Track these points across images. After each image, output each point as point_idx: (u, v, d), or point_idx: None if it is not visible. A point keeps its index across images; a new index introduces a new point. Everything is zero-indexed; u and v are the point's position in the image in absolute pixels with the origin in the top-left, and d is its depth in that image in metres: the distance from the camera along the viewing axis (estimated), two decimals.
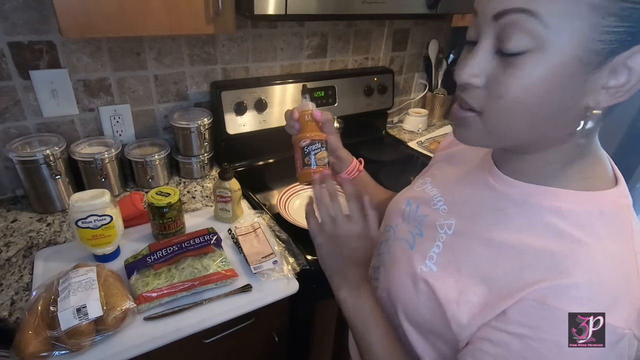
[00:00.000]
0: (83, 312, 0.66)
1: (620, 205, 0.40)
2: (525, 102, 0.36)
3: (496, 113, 0.38)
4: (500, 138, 0.41)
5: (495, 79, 0.36)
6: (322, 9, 0.92)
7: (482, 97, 0.38)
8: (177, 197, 0.90)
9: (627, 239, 0.39)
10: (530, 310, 0.37)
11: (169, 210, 0.89)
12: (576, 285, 0.36)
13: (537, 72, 0.34)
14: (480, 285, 0.42)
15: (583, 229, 0.39)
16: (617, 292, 0.36)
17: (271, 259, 0.88)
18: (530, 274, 0.39)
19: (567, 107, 0.36)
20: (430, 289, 0.46)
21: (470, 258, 0.45)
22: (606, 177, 0.42)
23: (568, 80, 0.34)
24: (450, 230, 0.49)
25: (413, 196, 0.59)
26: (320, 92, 1.36)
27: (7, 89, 0.97)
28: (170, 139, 1.23)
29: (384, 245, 0.60)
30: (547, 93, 0.35)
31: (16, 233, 0.95)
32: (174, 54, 1.14)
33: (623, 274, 0.36)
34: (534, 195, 0.42)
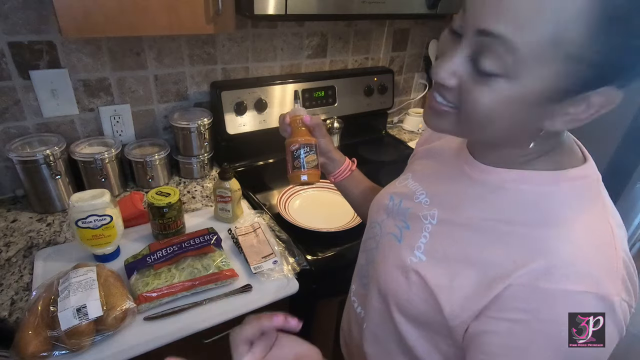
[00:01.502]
0: (83, 312, 0.66)
1: (591, 179, 0.43)
2: (488, 115, 0.38)
3: (465, 114, 0.40)
4: (471, 132, 0.44)
5: (466, 87, 0.38)
6: (322, 9, 0.92)
7: (456, 96, 0.40)
8: (177, 197, 0.90)
9: (601, 210, 0.41)
10: (523, 294, 0.38)
11: (169, 210, 0.89)
12: (562, 262, 0.37)
13: (501, 95, 0.36)
14: (469, 269, 0.43)
15: (560, 205, 0.41)
16: (601, 263, 0.37)
17: (271, 259, 0.88)
18: (517, 254, 0.40)
19: (525, 126, 0.39)
20: (421, 279, 0.47)
21: (457, 244, 0.46)
22: (574, 157, 0.44)
23: (529, 107, 0.36)
24: (435, 220, 0.50)
25: (395, 191, 0.59)
26: (320, 92, 1.36)
27: (7, 89, 0.97)
28: (170, 139, 1.23)
29: (372, 241, 0.61)
30: (508, 113, 0.37)
31: (16, 233, 0.95)
32: (174, 54, 1.14)
33: (603, 245, 0.38)
34: (509, 180, 0.44)
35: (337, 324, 1.08)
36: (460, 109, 0.40)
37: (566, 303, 0.36)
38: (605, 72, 0.33)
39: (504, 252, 0.41)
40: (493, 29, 0.33)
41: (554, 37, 0.31)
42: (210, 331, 0.78)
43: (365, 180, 0.79)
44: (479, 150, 0.48)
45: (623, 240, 0.40)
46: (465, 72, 0.38)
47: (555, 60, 0.33)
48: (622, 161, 1.30)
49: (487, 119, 0.38)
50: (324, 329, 1.07)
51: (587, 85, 0.34)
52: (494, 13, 0.33)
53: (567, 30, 0.31)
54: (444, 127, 0.44)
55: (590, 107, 0.35)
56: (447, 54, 0.39)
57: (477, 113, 0.38)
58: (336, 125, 1.38)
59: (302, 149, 0.67)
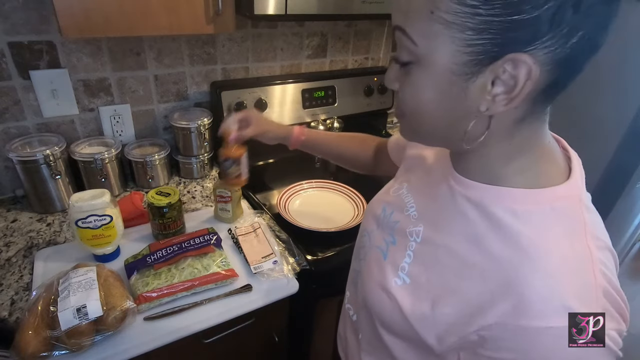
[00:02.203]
0: (83, 312, 0.66)
1: (572, 199, 0.40)
2: (419, 108, 0.39)
3: (408, 115, 0.41)
4: (425, 138, 0.45)
5: (401, 86, 0.40)
6: (322, 9, 0.92)
7: (399, 99, 0.41)
8: (177, 197, 0.90)
9: (580, 235, 0.39)
10: (508, 334, 0.37)
11: (169, 210, 0.89)
12: (539, 297, 0.36)
13: (420, 82, 0.38)
14: (451, 297, 0.42)
15: (537, 230, 0.39)
16: (579, 296, 0.36)
17: (271, 259, 0.88)
18: (495, 284, 0.39)
19: (460, 112, 0.38)
20: (400, 304, 0.46)
21: (438, 268, 0.45)
22: (557, 171, 0.42)
23: (448, 89, 0.36)
24: (419, 238, 0.49)
25: (389, 201, 0.58)
26: (320, 92, 1.36)
27: (7, 89, 0.97)
28: (170, 139, 1.23)
29: (362, 251, 0.60)
30: (435, 98, 0.38)
31: (16, 233, 0.95)
32: (174, 54, 1.14)
33: (580, 274, 0.37)
34: (488, 196, 0.42)
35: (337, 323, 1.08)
36: (405, 113, 0.41)
37: (551, 340, 0.35)
38: (497, 38, 0.32)
39: (483, 280, 0.40)
40: (395, 22, 0.38)
41: (429, 10, 0.34)
42: (210, 331, 0.78)
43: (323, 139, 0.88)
44: (456, 159, 0.47)
45: (606, 265, 0.38)
46: (399, 73, 0.40)
47: (441, 34, 0.34)
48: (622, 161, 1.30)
49: (418, 113, 0.40)
50: (324, 329, 1.07)
51: (488, 54, 0.33)
52: (394, 9, 0.38)
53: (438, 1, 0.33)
54: (405, 134, 0.46)
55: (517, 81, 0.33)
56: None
57: (408, 108, 0.40)
58: (336, 125, 1.38)
59: (227, 162, 0.85)
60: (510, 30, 0.32)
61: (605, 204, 1.39)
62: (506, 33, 0.32)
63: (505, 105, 0.35)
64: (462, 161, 0.46)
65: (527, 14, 0.30)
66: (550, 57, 0.32)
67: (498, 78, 0.34)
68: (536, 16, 0.30)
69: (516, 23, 0.31)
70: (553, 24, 0.30)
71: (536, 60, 0.32)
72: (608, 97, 1.25)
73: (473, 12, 0.32)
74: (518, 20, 0.31)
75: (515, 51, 0.32)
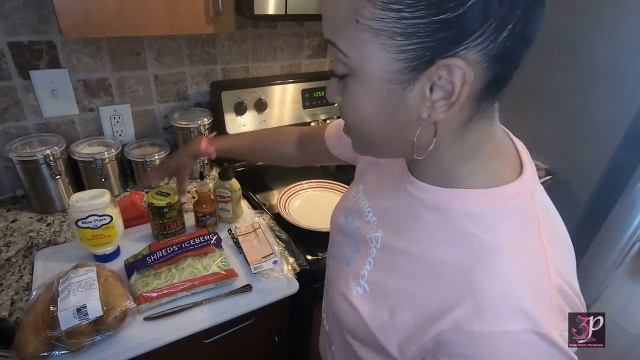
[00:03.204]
0: (83, 312, 0.66)
1: (524, 196, 0.39)
2: (361, 119, 0.38)
3: (352, 129, 0.41)
4: (373, 150, 0.44)
5: (341, 100, 0.39)
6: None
7: (342, 113, 0.40)
8: (177, 198, 0.90)
9: (534, 232, 0.38)
10: (463, 340, 0.36)
11: (169, 210, 0.89)
12: (492, 301, 0.35)
13: (358, 93, 0.36)
14: (407, 303, 0.42)
15: (490, 230, 0.38)
16: (532, 297, 0.35)
17: (271, 259, 0.88)
18: (448, 290, 0.38)
19: (402, 121, 0.37)
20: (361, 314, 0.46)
21: (395, 275, 0.44)
22: (510, 168, 0.41)
23: (387, 99, 0.35)
24: (378, 244, 0.48)
25: (349, 207, 0.57)
26: (320, 92, 1.36)
27: (7, 89, 0.97)
28: (171, 139, 1.23)
29: (332, 261, 0.59)
30: (374, 110, 0.37)
31: (16, 233, 0.95)
32: (174, 54, 1.14)
33: (534, 274, 0.36)
34: (443, 199, 0.42)
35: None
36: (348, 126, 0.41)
37: (507, 344, 0.34)
38: (427, 41, 0.31)
39: (437, 288, 0.39)
40: (325, 36, 0.37)
41: (354, 19, 0.33)
42: (210, 331, 0.78)
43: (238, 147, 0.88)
44: (413, 165, 0.46)
45: (560, 262, 0.37)
46: (338, 86, 0.39)
47: (368, 41, 0.33)
48: (622, 161, 1.30)
49: (360, 126, 0.39)
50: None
51: (421, 58, 0.32)
52: (323, 22, 0.37)
53: (359, 8, 0.32)
54: (356, 150, 0.45)
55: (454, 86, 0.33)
56: None
57: (350, 122, 0.39)
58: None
59: (205, 216, 0.95)
60: (439, 31, 0.31)
61: (605, 204, 1.39)
62: (435, 34, 0.31)
63: (446, 112, 0.34)
64: (417, 165, 0.45)
65: (452, 12, 0.29)
66: (484, 54, 0.32)
67: (435, 84, 0.33)
68: (462, 13, 0.29)
69: (443, 23, 0.30)
70: (481, 19, 0.30)
71: (469, 62, 0.31)
72: (608, 97, 1.25)
73: (398, 17, 0.31)
74: (445, 20, 0.30)
75: (447, 53, 0.31)
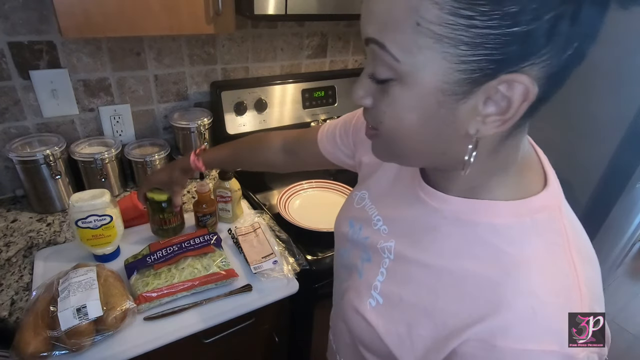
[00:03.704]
0: (83, 312, 0.66)
1: (551, 209, 0.38)
2: (401, 128, 0.35)
3: (385, 136, 0.38)
4: (400, 158, 0.40)
5: (376, 103, 0.36)
6: (322, 9, 0.92)
7: (374, 117, 0.38)
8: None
9: (564, 247, 0.36)
10: (482, 353, 0.35)
11: (169, 205, 0.89)
12: (520, 319, 0.34)
13: (403, 101, 0.34)
14: (426, 318, 0.40)
15: (517, 245, 0.37)
16: (563, 315, 0.34)
17: (271, 259, 0.88)
18: (473, 306, 0.37)
19: (447, 134, 0.35)
20: (375, 327, 0.45)
21: (412, 287, 0.43)
22: (534, 180, 0.40)
23: (435, 110, 0.33)
24: (392, 255, 0.47)
25: (354, 216, 0.55)
26: (321, 92, 1.36)
27: (7, 89, 0.97)
28: (171, 139, 1.23)
29: (343, 272, 0.57)
30: (419, 120, 0.34)
31: (16, 233, 0.95)
32: (174, 54, 1.14)
33: (564, 292, 0.35)
34: (465, 211, 0.40)
35: None
36: (380, 131, 0.38)
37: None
38: (494, 53, 0.29)
39: (459, 302, 0.38)
40: (368, 34, 0.33)
41: (414, 21, 0.30)
42: (210, 331, 0.78)
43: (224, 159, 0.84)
44: (429, 172, 0.44)
45: (591, 280, 0.36)
46: (374, 89, 0.36)
47: (428, 48, 0.30)
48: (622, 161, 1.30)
49: (397, 135, 0.36)
50: (324, 329, 1.07)
51: (483, 71, 0.30)
52: (365, 19, 0.33)
53: (422, 10, 0.29)
54: (377, 153, 0.42)
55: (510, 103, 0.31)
56: (360, 75, 0.37)
57: (386, 129, 0.36)
58: None
59: (205, 216, 0.95)
60: (509, 44, 0.29)
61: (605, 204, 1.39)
62: (504, 47, 0.29)
63: (498, 127, 0.33)
64: (434, 174, 0.43)
65: (526, 25, 0.28)
66: (546, 71, 0.30)
67: (490, 98, 0.32)
68: (535, 28, 0.28)
69: (515, 36, 0.28)
70: (551, 36, 0.28)
71: (532, 78, 0.30)
72: (608, 97, 1.25)
73: (468, 24, 0.28)
74: (517, 33, 0.28)
75: (511, 67, 0.30)
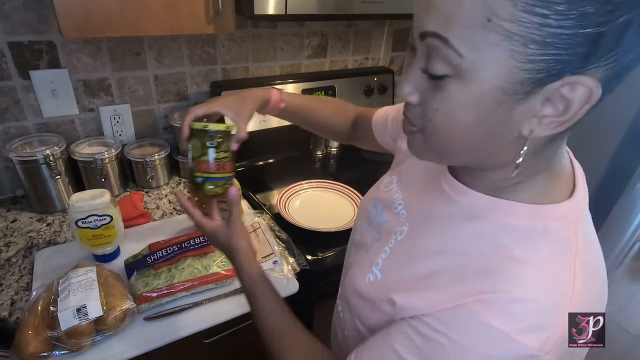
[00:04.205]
0: (83, 312, 0.66)
1: (569, 220, 0.38)
2: (453, 126, 0.34)
3: (430, 134, 0.37)
4: (442, 157, 0.40)
5: (426, 100, 0.35)
6: (322, 9, 0.92)
7: (419, 115, 0.37)
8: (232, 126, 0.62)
9: (568, 258, 0.36)
10: (457, 315, 0.36)
11: (225, 140, 0.59)
12: (500, 299, 0.34)
13: (460, 99, 0.32)
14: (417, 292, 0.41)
15: (524, 246, 0.37)
16: (542, 314, 0.34)
17: (271, 259, 0.88)
18: (460, 289, 0.37)
19: (499, 134, 0.34)
20: (372, 301, 0.46)
21: (411, 266, 0.44)
22: (561, 189, 0.40)
23: (493, 109, 0.32)
24: (401, 237, 0.48)
25: (379, 197, 0.57)
26: (320, 92, 1.36)
27: (7, 89, 0.97)
28: (171, 138, 1.23)
29: (353, 249, 0.60)
30: (474, 120, 0.33)
31: (16, 233, 0.95)
32: (174, 54, 1.14)
33: (554, 296, 0.34)
34: (483, 207, 0.40)
35: None
36: (425, 128, 0.37)
37: (481, 334, 0.33)
38: (562, 54, 0.28)
39: (447, 287, 0.38)
40: (427, 28, 0.32)
41: (485, 17, 0.29)
42: (210, 331, 0.78)
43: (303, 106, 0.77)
44: (458, 167, 0.44)
45: (589, 295, 0.36)
46: (423, 85, 0.35)
47: (496, 45, 0.29)
48: (622, 161, 1.30)
49: (447, 133, 0.35)
50: (324, 329, 1.07)
51: (549, 71, 0.29)
52: (425, 12, 0.32)
53: (494, 6, 0.28)
54: (417, 152, 0.41)
55: (570, 105, 0.31)
56: (408, 70, 0.38)
57: (437, 126, 0.35)
58: None
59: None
60: (579, 45, 0.28)
61: (605, 204, 1.39)
62: (574, 48, 0.28)
63: (554, 129, 0.32)
64: (462, 168, 0.43)
65: (600, 27, 0.27)
66: (608, 74, 0.29)
67: (549, 100, 0.31)
68: (608, 30, 0.27)
69: (587, 37, 0.27)
70: (620, 39, 0.27)
71: (596, 81, 0.29)
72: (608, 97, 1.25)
73: (541, 23, 0.27)
74: (589, 34, 0.27)
75: (576, 69, 0.29)
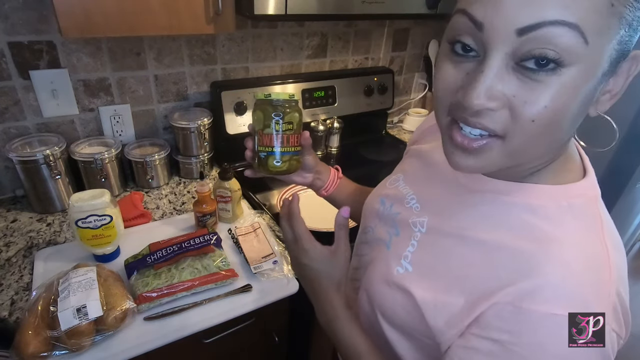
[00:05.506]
0: (83, 312, 0.66)
1: (589, 197, 0.40)
2: (562, 120, 0.33)
3: (522, 136, 0.34)
4: (519, 159, 0.37)
5: (519, 100, 0.32)
6: (322, 9, 0.92)
7: (503, 120, 0.34)
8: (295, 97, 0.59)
9: (598, 231, 0.38)
10: (506, 315, 0.36)
11: (292, 110, 0.57)
12: (549, 284, 0.35)
13: (571, 89, 0.31)
14: (455, 285, 0.42)
15: (553, 223, 0.38)
16: (592, 287, 0.35)
17: (271, 259, 0.88)
18: (504, 273, 0.38)
19: (578, 118, 0.34)
20: (406, 292, 0.46)
21: (444, 257, 0.44)
22: (576, 170, 0.42)
23: (591, 95, 0.33)
24: (424, 228, 0.48)
25: (386, 194, 0.57)
26: (320, 92, 1.36)
27: (7, 89, 0.97)
28: (171, 139, 1.23)
29: (364, 246, 0.60)
30: (577, 107, 0.33)
31: (16, 233, 0.95)
32: (174, 54, 1.14)
33: (595, 268, 0.36)
34: (505, 192, 0.42)
35: None
36: (515, 132, 0.34)
37: (549, 327, 0.34)
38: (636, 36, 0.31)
39: (490, 270, 0.39)
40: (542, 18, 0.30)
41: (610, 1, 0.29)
42: (210, 331, 0.78)
43: (350, 184, 0.75)
44: None
45: (619, 266, 0.37)
46: (508, 86, 0.33)
47: (611, 29, 0.30)
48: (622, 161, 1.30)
49: (555, 128, 0.34)
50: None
51: (626, 51, 0.32)
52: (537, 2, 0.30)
53: None
54: (487, 165, 0.37)
55: (621, 75, 0.33)
56: (471, 79, 0.34)
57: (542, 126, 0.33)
58: (336, 125, 1.38)
59: (205, 216, 0.93)
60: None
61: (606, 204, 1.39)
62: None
63: (607, 103, 0.34)
64: None
65: None
66: None
67: (617, 75, 0.33)
68: None
69: None
70: None
71: None
72: None
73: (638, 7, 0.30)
74: None
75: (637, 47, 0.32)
